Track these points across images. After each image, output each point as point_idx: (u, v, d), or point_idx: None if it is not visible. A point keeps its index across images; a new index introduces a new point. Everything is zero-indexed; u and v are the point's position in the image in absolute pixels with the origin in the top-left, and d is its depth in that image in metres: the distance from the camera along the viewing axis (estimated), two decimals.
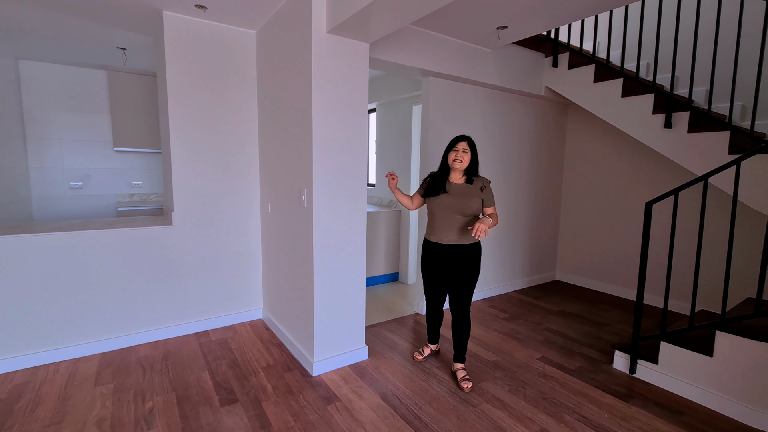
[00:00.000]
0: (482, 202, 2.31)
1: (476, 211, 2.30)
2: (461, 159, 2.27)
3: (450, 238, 2.29)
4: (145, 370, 2.39)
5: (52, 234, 2.41)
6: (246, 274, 3.14)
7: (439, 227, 2.31)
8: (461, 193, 2.29)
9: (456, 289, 2.33)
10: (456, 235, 2.28)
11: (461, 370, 2.38)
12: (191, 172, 2.83)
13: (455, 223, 2.28)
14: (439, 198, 2.31)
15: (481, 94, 3.55)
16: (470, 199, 2.27)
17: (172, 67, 2.69)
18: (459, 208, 2.26)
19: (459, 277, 2.31)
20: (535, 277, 4.35)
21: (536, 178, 4.17)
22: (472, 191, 2.29)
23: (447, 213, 2.28)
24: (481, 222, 2.09)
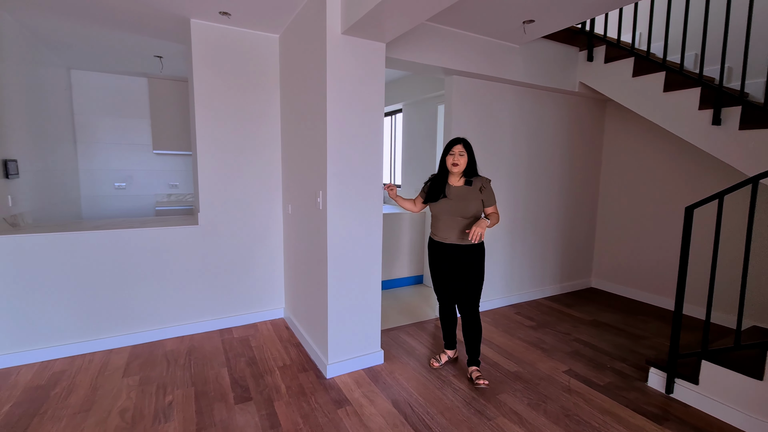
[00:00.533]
0: (482, 203, 2.30)
1: (477, 212, 2.30)
2: (458, 162, 2.27)
3: (453, 238, 2.31)
4: (169, 364, 2.50)
5: (90, 233, 2.58)
6: (268, 273, 3.20)
7: (443, 228, 2.34)
8: (460, 196, 2.30)
9: (462, 290, 2.34)
10: (458, 236, 2.30)
11: (476, 371, 2.38)
12: (216, 173, 2.92)
13: (457, 224, 2.30)
14: (439, 203, 2.34)
15: (508, 92, 3.41)
16: (470, 202, 2.28)
17: (199, 72, 2.79)
18: (459, 211, 2.29)
19: (464, 278, 2.32)
20: (568, 284, 4.13)
21: (570, 179, 3.95)
22: (472, 193, 2.29)
23: (449, 216, 2.31)
24: (477, 225, 2.12)
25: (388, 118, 5.17)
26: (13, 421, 1.92)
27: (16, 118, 2.75)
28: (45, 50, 3.41)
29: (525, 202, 3.66)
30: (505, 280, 3.63)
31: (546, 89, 3.56)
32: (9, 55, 2.67)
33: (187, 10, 2.58)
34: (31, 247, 2.43)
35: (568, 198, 3.97)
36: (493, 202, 2.33)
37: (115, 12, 2.60)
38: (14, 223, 2.61)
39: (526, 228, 3.70)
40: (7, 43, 2.65)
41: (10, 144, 2.62)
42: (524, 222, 3.68)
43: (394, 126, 5.05)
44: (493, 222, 2.26)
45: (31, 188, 2.97)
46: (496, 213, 2.32)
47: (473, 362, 2.40)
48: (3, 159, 2.52)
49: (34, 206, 3.02)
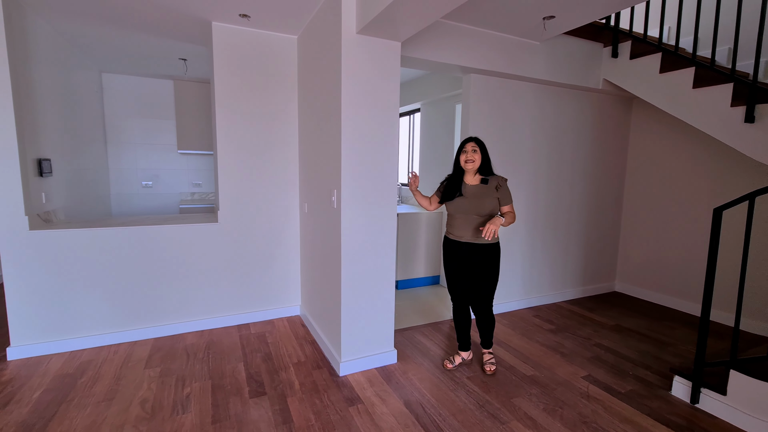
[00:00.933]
0: (498, 201, 2.31)
1: (492, 210, 2.31)
2: (472, 159, 2.29)
3: (468, 236, 2.32)
4: (189, 357, 2.57)
5: (115, 229, 2.68)
6: (284, 271, 3.25)
7: (458, 226, 2.35)
8: (476, 194, 2.31)
9: (476, 289, 2.38)
10: (473, 234, 2.31)
11: (487, 354, 2.55)
12: (236, 172, 2.99)
13: (472, 222, 2.31)
14: (454, 201, 2.35)
15: (529, 90, 3.34)
16: (485, 200, 2.29)
17: (220, 73, 2.86)
18: (474, 209, 2.30)
19: (478, 276, 2.35)
20: (591, 287, 4.00)
21: (593, 179, 3.83)
22: (487, 191, 2.30)
23: (463, 214, 2.32)
24: (491, 223, 2.15)
25: (406, 118, 5.16)
26: (42, 407, 2.02)
27: (51, 119, 2.90)
28: (78, 54, 3.57)
29: (545, 203, 3.57)
30: (523, 282, 3.56)
31: (568, 87, 3.47)
32: (44, 59, 2.82)
33: (208, 14, 2.65)
34: (62, 242, 2.55)
35: (591, 199, 3.85)
36: (509, 201, 2.32)
37: (142, 17, 2.70)
38: (47, 219, 2.74)
39: (546, 229, 3.61)
40: (42, 48, 2.80)
41: (44, 144, 2.76)
42: (544, 223, 3.59)
43: (412, 125, 5.03)
44: (508, 221, 2.25)
45: (64, 186, 3.11)
46: (512, 212, 2.32)
47: (486, 344, 2.56)
48: (37, 158, 2.66)
49: (67, 203, 3.17)
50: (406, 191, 4.93)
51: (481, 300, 2.39)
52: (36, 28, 2.70)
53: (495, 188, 2.29)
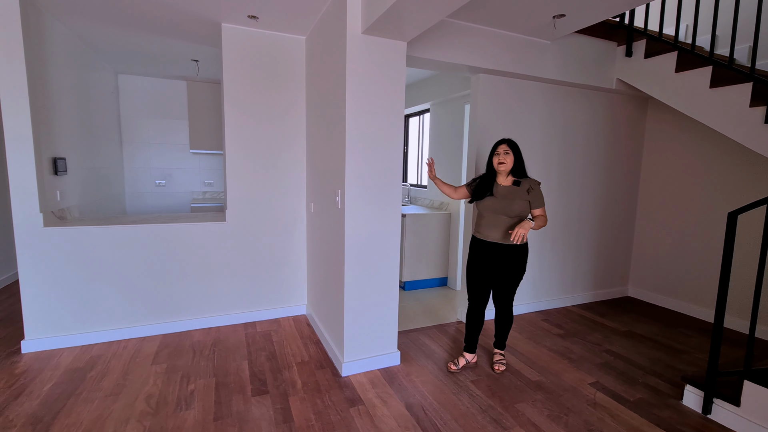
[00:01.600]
0: (529, 204, 2.29)
1: (522, 212, 2.29)
2: (504, 161, 2.30)
3: (495, 237, 2.33)
4: (195, 354, 2.60)
5: (126, 226, 2.74)
6: (291, 271, 3.27)
7: (486, 226, 2.36)
8: (506, 195, 2.30)
9: (499, 287, 2.40)
10: (501, 235, 2.32)
11: (498, 354, 2.57)
12: (244, 172, 3.02)
13: (501, 223, 2.31)
14: (484, 201, 2.36)
15: (539, 90, 3.28)
16: (514, 201, 2.28)
17: (229, 74, 2.89)
18: (503, 210, 2.30)
19: (503, 276, 2.36)
20: (602, 292, 3.92)
21: (606, 181, 3.75)
22: (518, 193, 2.29)
23: (492, 214, 2.33)
24: (521, 227, 2.15)
25: (416, 118, 5.14)
26: (51, 399, 2.07)
27: (67, 119, 2.97)
28: (94, 56, 3.66)
29: (556, 205, 3.51)
30: (532, 285, 3.50)
31: (580, 87, 3.40)
32: (60, 60, 2.89)
33: (218, 15, 2.69)
34: (75, 239, 2.61)
35: (603, 201, 3.77)
36: (541, 204, 2.31)
37: (153, 19, 2.75)
38: (62, 216, 2.82)
39: (556, 231, 3.55)
40: (59, 49, 2.87)
41: (60, 143, 2.83)
42: (555, 225, 3.53)
43: (421, 126, 5.01)
44: (539, 224, 2.25)
45: (79, 185, 3.19)
46: (544, 216, 2.30)
47: (500, 345, 2.56)
48: (53, 156, 2.74)
49: (82, 201, 3.25)
50: (415, 191, 4.91)
51: (502, 296, 2.41)
52: (53, 31, 2.78)
53: (527, 191, 2.28)
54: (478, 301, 2.45)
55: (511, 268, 2.34)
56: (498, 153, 2.31)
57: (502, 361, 2.52)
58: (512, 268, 2.34)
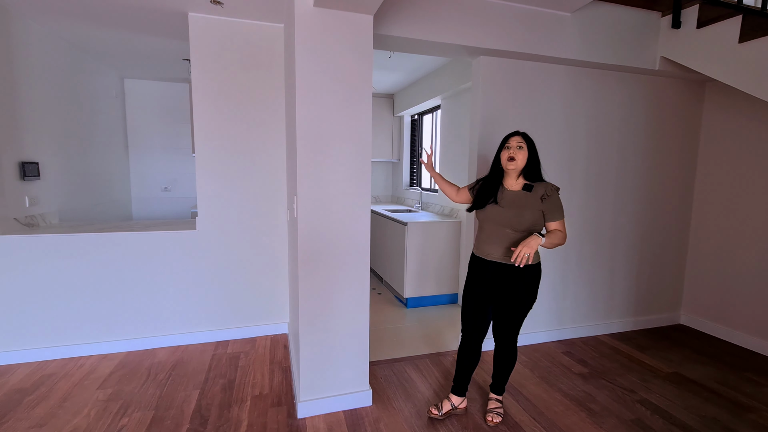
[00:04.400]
0: (543, 216, 1.79)
1: (533, 225, 1.82)
2: (515, 156, 1.82)
3: (496, 255, 1.86)
4: (147, 378, 2.34)
5: (86, 235, 2.55)
6: (271, 284, 2.95)
7: (486, 241, 1.90)
8: (514, 203, 1.83)
9: (501, 318, 1.91)
10: (503, 253, 1.84)
11: (495, 401, 2.07)
12: (215, 175, 2.74)
13: (504, 238, 1.84)
14: (485, 210, 1.89)
15: (558, 74, 2.72)
16: (524, 211, 1.80)
17: (198, 69, 2.63)
18: (509, 222, 1.82)
19: (505, 303, 1.88)
20: (645, 318, 3.22)
21: (650, 185, 3.08)
22: (529, 201, 1.82)
23: (495, 226, 1.86)
24: (525, 244, 1.68)
25: (429, 116, 4.67)
26: None
27: (44, 122, 2.86)
28: (90, 60, 3.60)
29: (584, 212, 2.91)
30: (552, 308, 2.92)
31: (612, 69, 2.79)
32: (36, 63, 2.78)
33: (182, 4, 2.44)
34: (33, 248, 2.45)
35: (647, 208, 3.09)
36: (560, 216, 1.83)
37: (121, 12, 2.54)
38: (30, 223, 2.70)
39: (584, 244, 2.94)
40: (34, 52, 2.76)
41: (30, 147, 2.71)
42: (582, 236, 2.92)
43: (434, 124, 4.54)
44: (552, 242, 1.78)
45: (62, 189, 3.08)
46: (562, 232, 1.82)
47: (497, 389, 2.08)
48: (20, 161, 2.62)
49: (68, 207, 3.15)
50: (427, 197, 4.44)
51: (503, 329, 1.92)
52: (25, 32, 2.66)
53: (540, 198, 1.80)
54: (474, 333, 1.97)
55: (516, 294, 1.84)
56: (509, 146, 1.84)
57: (499, 410, 2.02)
58: (518, 295, 1.84)
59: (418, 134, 4.97)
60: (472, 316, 1.95)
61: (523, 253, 1.66)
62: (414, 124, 5.10)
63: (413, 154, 5.14)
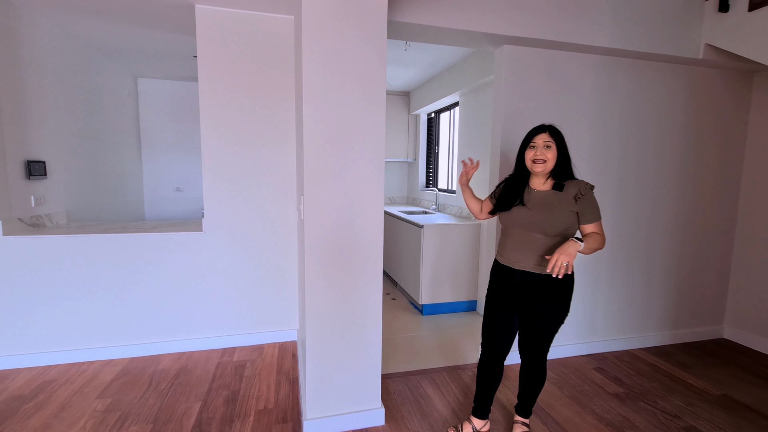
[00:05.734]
0: (577, 217, 1.60)
1: (566, 229, 1.60)
2: (543, 156, 1.59)
3: (524, 263, 1.64)
4: (149, 387, 2.22)
5: (91, 236, 2.46)
6: (280, 288, 2.81)
7: (513, 247, 1.68)
8: (544, 204, 1.62)
9: (529, 333, 1.68)
10: (533, 261, 1.63)
11: (521, 425, 1.86)
12: (223, 174, 2.62)
13: (534, 244, 1.62)
14: (511, 212, 1.69)
15: (589, 64, 2.50)
16: (555, 213, 1.59)
17: (205, 62, 2.52)
18: (539, 225, 1.60)
19: (534, 317, 1.65)
20: (684, 332, 2.95)
21: (691, 185, 2.81)
22: (561, 201, 1.60)
23: (523, 231, 1.65)
24: (562, 251, 1.46)
25: (446, 114, 4.48)
26: None
27: (53, 121, 2.80)
28: (103, 59, 3.56)
29: (617, 215, 2.67)
30: (582, 319, 2.68)
31: (650, 58, 2.55)
32: (46, 61, 2.72)
33: None
34: (38, 249, 2.38)
35: (688, 211, 2.83)
36: (597, 217, 1.60)
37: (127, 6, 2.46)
38: (36, 223, 2.63)
39: (618, 248, 2.70)
40: (43, 50, 2.70)
41: (37, 145, 2.66)
42: (616, 240, 2.68)
43: (452, 122, 4.34)
44: (591, 246, 1.55)
45: (70, 189, 3.02)
46: (600, 234, 1.59)
47: (524, 411, 1.87)
48: (26, 159, 2.55)
49: (76, 206, 3.09)
50: (444, 198, 4.24)
51: (532, 346, 1.69)
52: (32, 28, 2.61)
53: (573, 198, 1.59)
54: (496, 350, 1.75)
55: (547, 307, 1.62)
56: (534, 145, 1.61)
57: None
58: (549, 308, 1.63)
59: (435, 133, 4.78)
60: (494, 330, 1.74)
61: (560, 262, 1.45)
62: (431, 123, 4.91)
63: (429, 154, 4.95)
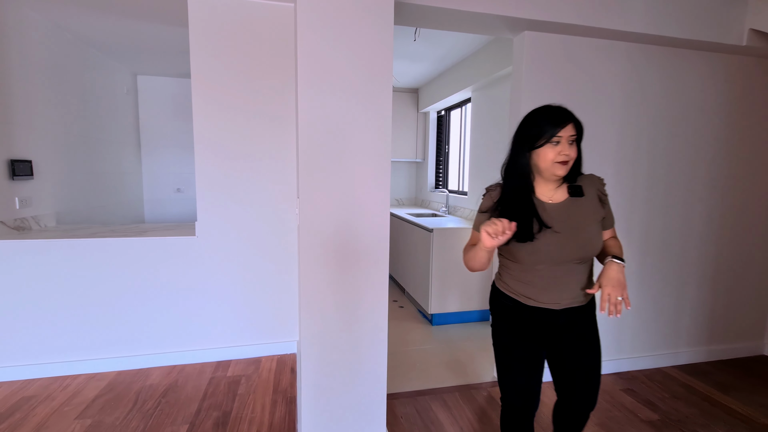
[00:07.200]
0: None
1: (600, 245, 1.24)
2: (570, 155, 1.15)
3: (569, 299, 1.24)
4: (134, 407, 2.04)
5: (78, 240, 2.29)
6: (278, 296, 2.61)
7: (544, 287, 1.22)
8: (572, 219, 1.21)
9: (579, 376, 1.28)
10: (577, 293, 1.24)
11: None
12: (218, 175, 2.44)
13: (573, 275, 1.23)
14: (536, 245, 1.18)
15: (618, 52, 2.26)
16: (589, 229, 1.21)
17: (198, 55, 2.33)
18: (577, 252, 1.19)
19: (584, 354, 1.27)
20: (720, 348, 2.68)
21: (731, 187, 2.55)
22: (587, 209, 1.22)
23: (554, 266, 1.21)
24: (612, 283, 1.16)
25: (457, 112, 4.25)
26: None
27: (40, 119, 2.65)
28: (99, 55, 3.42)
29: (647, 219, 2.42)
30: (608, 333, 2.44)
31: (686, 45, 2.30)
32: (35, 58, 2.57)
33: None
34: (19, 254, 2.22)
35: (726, 215, 2.56)
36: (613, 221, 1.32)
37: None
38: (21, 226, 2.47)
39: (647, 254, 2.45)
40: (32, 46, 2.55)
41: (24, 144, 2.50)
42: (646, 246, 2.43)
43: (463, 120, 4.11)
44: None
45: (60, 190, 2.87)
46: (617, 240, 1.32)
47: None
48: (9, 159, 2.40)
49: (67, 208, 2.94)
50: (455, 199, 4.02)
51: (589, 387, 1.28)
52: (19, 21, 2.45)
53: (599, 201, 1.25)
54: (527, 405, 1.31)
55: (594, 334, 1.29)
56: (558, 139, 1.15)
57: None
58: (595, 335, 1.30)
59: (445, 131, 4.56)
60: (523, 381, 1.30)
61: (614, 298, 1.15)
62: (440, 121, 4.69)
63: (439, 154, 4.73)
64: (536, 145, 1.17)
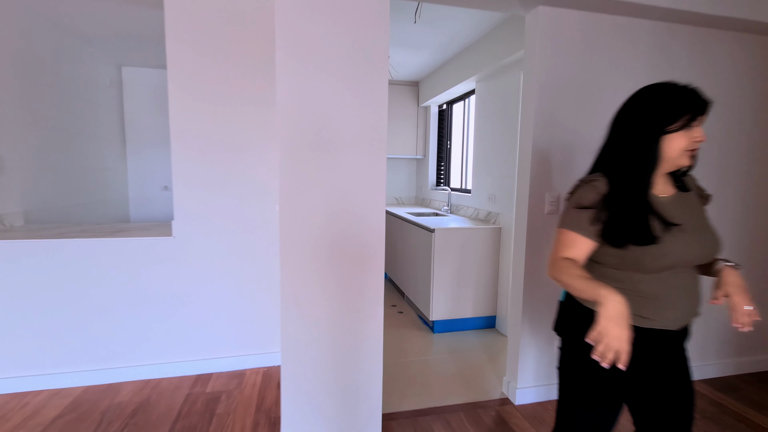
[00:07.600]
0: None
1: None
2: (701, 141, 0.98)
3: (690, 314, 1.04)
4: (96, 430, 1.81)
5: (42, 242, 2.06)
6: (263, 303, 2.39)
7: (673, 301, 1.00)
8: (694, 216, 1.03)
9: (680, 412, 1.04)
10: (697, 307, 1.05)
11: None
12: (197, 171, 2.21)
13: (693, 282, 1.04)
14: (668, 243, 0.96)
15: (643, 31, 2.03)
16: (709, 223, 1.06)
17: (174, 41, 2.11)
18: (704, 253, 1.01)
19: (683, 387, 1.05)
20: (749, 360, 2.45)
21: (761, 185, 2.31)
22: (699, 205, 1.08)
23: (680, 270, 1.01)
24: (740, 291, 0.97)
25: (459, 105, 4.02)
26: None
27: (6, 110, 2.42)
28: (79, 45, 3.19)
29: None
30: None
31: (719, 25, 2.06)
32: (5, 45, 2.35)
33: None
34: None
35: (757, 213, 2.33)
36: None
37: None
38: None
39: None
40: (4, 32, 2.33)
41: None
42: None
43: (467, 113, 3.88)
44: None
45: (30, 187, 2.64)
46: None
47: None
48: None
49: (39, 206, 2.71)
50: (458, 198, 3.79)
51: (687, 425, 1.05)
52: None
53: (703, 196, 1.11)
54: None
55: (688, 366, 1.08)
56: (691, 129, 0.96)
57: None
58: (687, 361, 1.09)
59: (447, 126, 4.32)
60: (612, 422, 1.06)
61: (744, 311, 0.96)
62: (442, 115, 4.46)
63: (440, 150, 4.49)
64: (669, 129, 0.96)
